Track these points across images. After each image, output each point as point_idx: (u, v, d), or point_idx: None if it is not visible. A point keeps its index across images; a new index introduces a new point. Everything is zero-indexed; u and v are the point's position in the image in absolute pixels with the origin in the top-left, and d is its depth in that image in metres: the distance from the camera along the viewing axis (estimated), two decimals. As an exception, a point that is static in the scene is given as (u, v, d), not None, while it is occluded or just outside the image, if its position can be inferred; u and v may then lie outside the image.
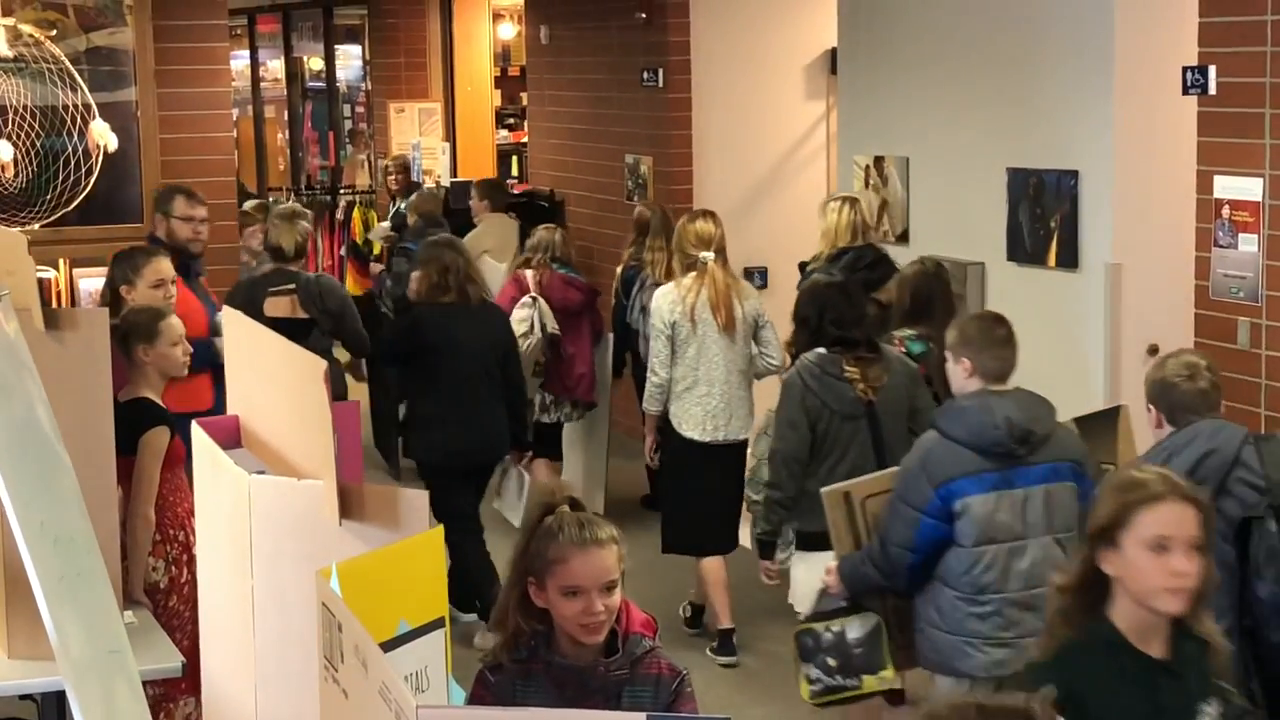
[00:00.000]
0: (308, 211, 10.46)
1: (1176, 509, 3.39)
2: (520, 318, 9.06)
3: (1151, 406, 5.12)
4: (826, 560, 5.64)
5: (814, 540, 5.96)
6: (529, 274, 9.31)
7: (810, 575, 5.95)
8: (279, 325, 8.39)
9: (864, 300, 6.48)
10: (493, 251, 10.64)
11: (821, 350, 6.25)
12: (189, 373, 6.29)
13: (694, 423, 7.75)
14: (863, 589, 5.45)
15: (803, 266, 8.69)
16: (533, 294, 9.20)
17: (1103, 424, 5.96)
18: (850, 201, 8.53)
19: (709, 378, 7.75)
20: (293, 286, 8.06)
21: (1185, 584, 3.36)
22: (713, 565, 7.83)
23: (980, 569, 5.18)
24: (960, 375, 5.41)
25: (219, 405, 6.98)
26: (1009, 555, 5.18)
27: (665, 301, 7.82)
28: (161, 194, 7.69)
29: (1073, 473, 5.22)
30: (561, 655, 3.65)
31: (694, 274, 7.82)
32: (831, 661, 5.48)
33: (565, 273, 9.46)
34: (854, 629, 5.49)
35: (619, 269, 10.16)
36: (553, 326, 9.20)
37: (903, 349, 6.66)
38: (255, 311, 7.94)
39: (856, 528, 5.50)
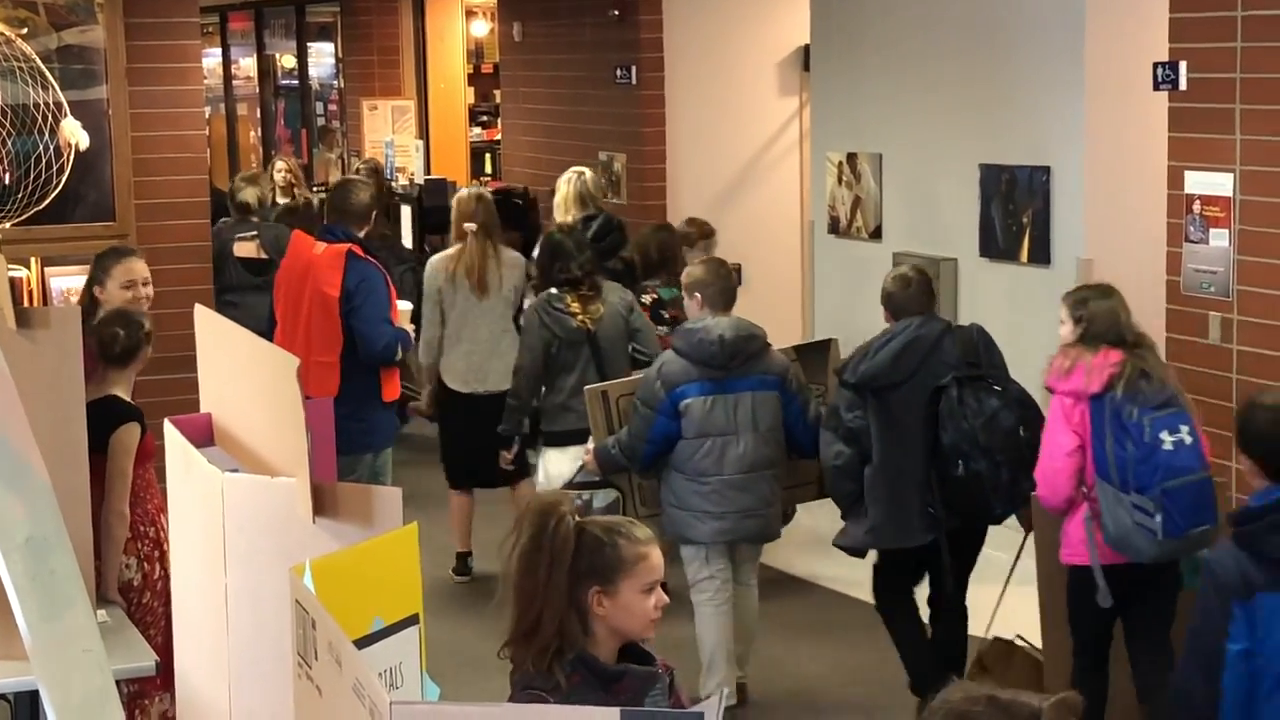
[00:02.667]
0: (262, 172, 12.07)
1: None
2: None
3: (883, 306, 6.57)
4: (568, 452, 7.45)
5: (557, 438, 7.66)
6: None
7: (555, 465, 7.60)
8: (246, 264, 9.47)
9: (588, 250, 7.94)
10: None
11: (552, 290, 7.73)
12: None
13: (457, 375, 8.62)
14: (611, 469, 6.93)
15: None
16: None
17: (817, 354, 7.50)
18: (579, 174, 9.82)
19: (471, 336, 8.59)
20: (255, 233, 9.81)
21: None
22: (460, 500, 8.78)
23: (700, 456, 6.65)
24: (694, 308, 6.94)
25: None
26: (723, 445, 6.65)
27: (432, 270, 8.75)
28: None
29: (777, 385, 6.73)
30: (602, 662, 3.60)
31: (460, 244, 8.69)
32: None
33: None
34: (599, 499, 7.01)
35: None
36: None
37: (656, 295, 8.38)
38: (227, 253, 9.65)
39: (611, 420, 7.02)
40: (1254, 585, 4.45)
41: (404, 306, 7.88)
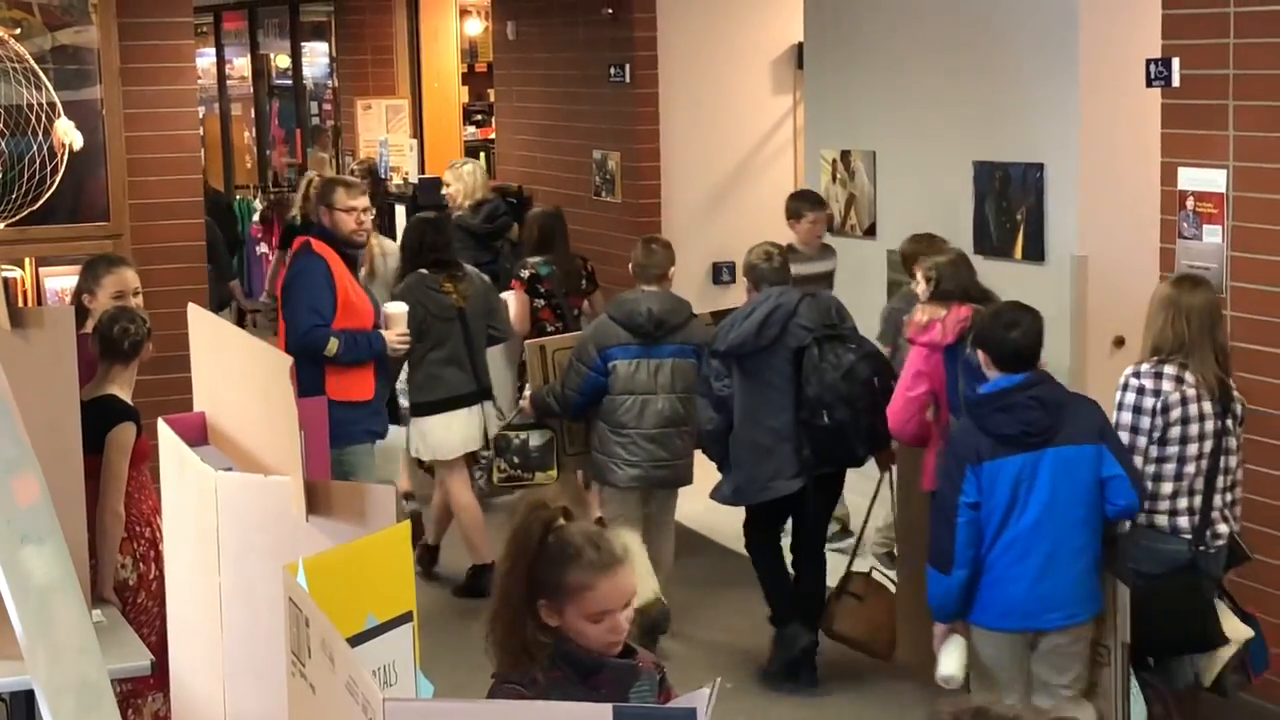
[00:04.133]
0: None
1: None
2: None
3: (746, 279, 7.38)
4: (431, 421, 8.32)
5: (427, 408, 8.37)
6: None
7: (423, 431, 8.39)
8: None
9: (451, 232, 8.83)
10: None
11: (424, 270, 8.37)
12: (354, 363, 7.45)
13: None
14: (545, 414, 7.95)
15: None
16: None
17: None
18: (477, 164, 11.08)
19: None
20: None
21: None
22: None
23: (623, 411, 7.59)
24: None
25: (378, 396, 7.69)
26: (643, 403, 7.59)
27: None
28: (322, 187, 7.99)
29: (694, 353, 7.58)
30: (581, 653, 3.53)
31: None
32: (516, 459, 8.08)
33: None
34: (535, 439, 8.04)
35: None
36: None
37: (534, 271, 9.27)
38: None
39: (546, 370, 8.03)
40: (982, 455, 5.53)
41: (399, 309, 7.78)
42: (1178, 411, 5.83)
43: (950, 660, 5.79)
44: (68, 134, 8.20)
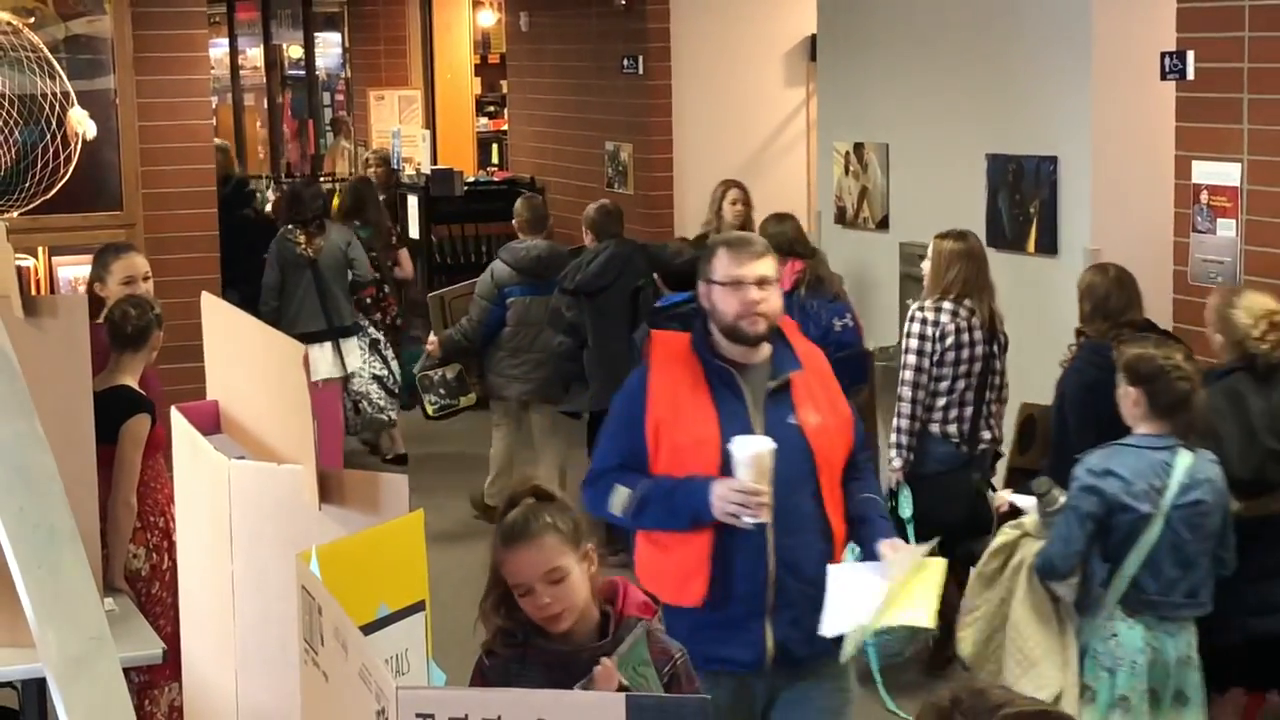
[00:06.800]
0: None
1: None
2: None
3: (587, 230, 9.06)
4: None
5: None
6: None
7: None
8: None
9: (319, 199, 10.48)
10: None
11: (288, 226, 10.09)
12: (660, 527, 7.49)
13: None
14: (453, 351, 9.45)
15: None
16: None
17: None
18: (222, 150, 12.51)
19: None
20: None
21: None
22: None
23: (517, 340, 9.19)
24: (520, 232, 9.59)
25: (718, 598, 4.71)
26: (536, 331, 9.14)
27: None
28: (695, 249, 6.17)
29: None
30: (551, 640, 3.65)
31: None
32: (442, 391, 9.57)
33: None
34: (449, 373, 9.55)
35: None
36: None
37: (357, 233, 10.75)
38: None
39: (446, 317, 9.65)
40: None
41: (756, 450, 4.46)
42: (952, 339, 7.01)
43: None
44: (81, 123, 8.21)
